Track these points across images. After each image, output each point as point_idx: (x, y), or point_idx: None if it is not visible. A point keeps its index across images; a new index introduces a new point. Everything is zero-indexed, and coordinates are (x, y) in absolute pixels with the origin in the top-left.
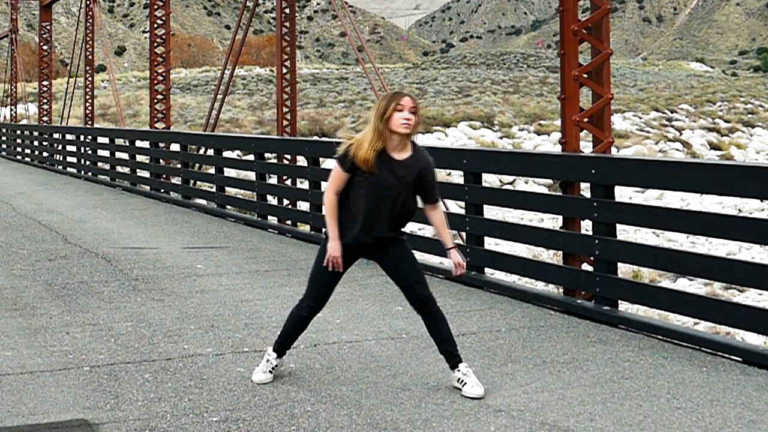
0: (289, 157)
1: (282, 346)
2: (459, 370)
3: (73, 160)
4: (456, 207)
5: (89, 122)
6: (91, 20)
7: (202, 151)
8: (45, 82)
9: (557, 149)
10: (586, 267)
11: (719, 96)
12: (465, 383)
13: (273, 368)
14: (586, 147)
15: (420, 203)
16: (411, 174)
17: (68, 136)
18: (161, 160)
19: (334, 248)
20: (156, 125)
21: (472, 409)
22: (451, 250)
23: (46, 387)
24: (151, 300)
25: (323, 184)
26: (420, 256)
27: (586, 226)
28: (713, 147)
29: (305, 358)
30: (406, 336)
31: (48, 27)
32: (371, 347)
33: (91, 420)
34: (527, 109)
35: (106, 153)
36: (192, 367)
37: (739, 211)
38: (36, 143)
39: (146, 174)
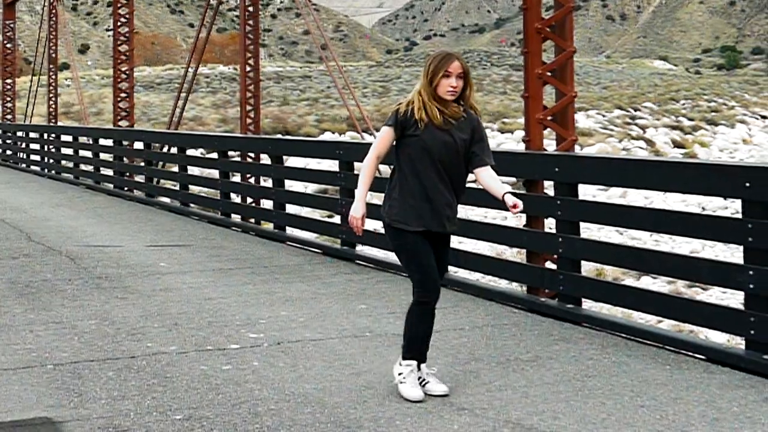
0: (252, 155)
1: (415, 351)
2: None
3: (37, 158)
4: None
5: (53, 120)
6: (54, 18)
7: (165, 149)
8: (8, 81)
9: (521, 147)
10: (549, 265)
11: (683, 94)
12: (427, 382)
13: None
14: (550, 145)
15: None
16: (465, 131)
17: (32, 134)
18: (125, 158)
19: (356, 209)
20: (119, 123)
21: (436, 408)
22: (506, 195)
23: (9, 385)
24: (115, 298)
25: (287, 183)
26: (383, 255)
27: (550, 224)
28: (677, 145)
29: (269, 356)
30: (369, 334)
31: (11, 25)
32: (335, 345)
33: (55, 418)
34: (491, 107)
35: (69, 151)
36: (155, 366)
37: (703, 209)
38: None
39: (110, 172)
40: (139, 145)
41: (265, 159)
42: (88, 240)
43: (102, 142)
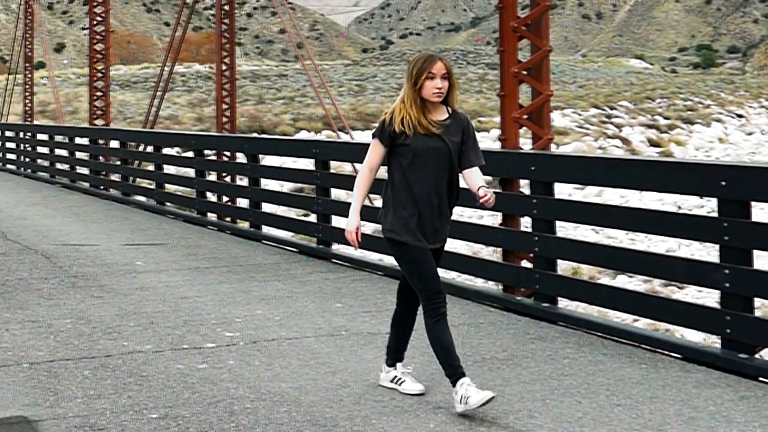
0: (228, 153)
1: (453, 368)
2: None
3: (13, 156)
4: None
5: (28, 119)
6: (30, 17)
7: (141, 148)
8: None
9: (497, 146)
10: (525, 264)
11: (659, 93)
12: (403, 381)
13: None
14: (526, 144)
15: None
16: (456, 133)
17: (7, 133)
18: (100, 157)
19: (350, 223)
20: (95, 122)
21: (412, 406)
22: (480, 188)
23: None
24: (91, 297)
25: (263, 181)
26: (359, 254)
27: (526, 223)
28: (652, 144)
29: (244, 355)
30: (345, 333)
31: None
32: (311, 344)
33: (31, 417)
34: (467, 106)
35: (45, 150)
36: (131, 364)
37: (679, 208)
38: None
39: (86, 171)
40: (114, 143)
41: (241, 158)
42: (64, 239)
43: (78, 140)
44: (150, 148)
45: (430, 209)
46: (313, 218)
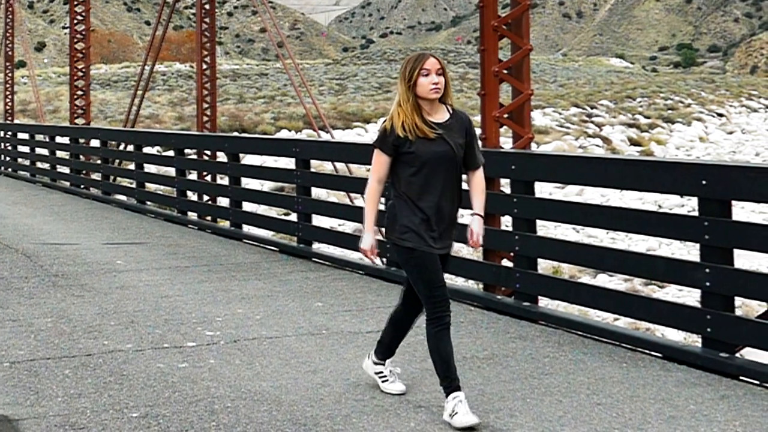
0: (209, 153)
1: (449, 380)
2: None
3: None
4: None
5: (9, 118)
6: (10, 16)
7: (122, 147)
8: None
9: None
10: (506, 263)
11: (639, 92)
12: (387, 379)
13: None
14: (506, 143)
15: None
16: (459, 134)
17: None
18: (81, 156)
19: (365, 241)
20: (76, 121)
21: (392, 405)
22: (475, 216)
23: None
24: (71, 296)
25: (243, 180)
26: (340, 252)
27: (507, 222)
28: (633, 143)
29: (225, 354)
30: (326, 332)
31: None
32: (291, 343)
33: (11, 416)
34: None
35: (26, 149)
36: (112, 363)
37: (659, 207)
38: None
39: (66, 170)
40: (95, 142)
41: (221, 157)
42: (45, 238)
43: (58, 139)
44: (131, 147)
45: (439, 214)
46: (293, 217)
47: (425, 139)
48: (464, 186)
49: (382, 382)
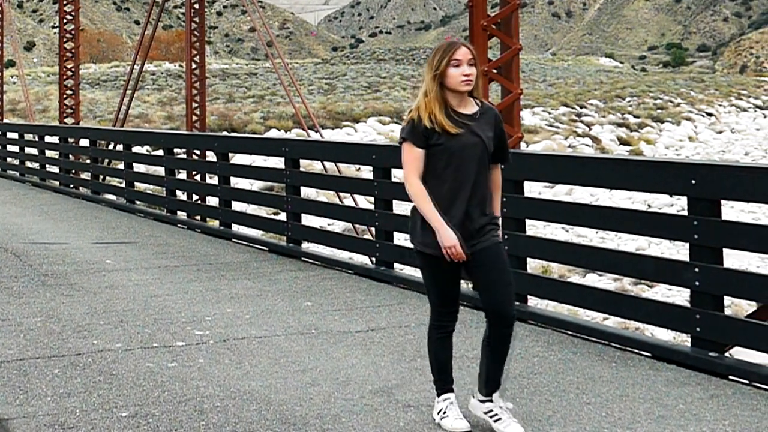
0: (198, 152)
1: (442, 381)
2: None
3: None
4: (365, 202)
5: None
6: (0, 15)
7: (111, 147)
8: None
9: None
10: None
11: (628, 91)
12: (499, 418)
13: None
14: None
15: None
16: (489, 128)
17: None
18: (70, 156)
19: (447, 237)
20: (65, 120)
21: (382, 405)
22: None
23: None
24: (61, 295)
25: (233, 180)
26: (329, 252)
27: None
28: (622, 142)
29: (214, 353)
30: (315, 331)
31: None
32: (280, 342)
33: (1, 415)
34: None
35: (15, 148)
36: (101, 363)
37: (649, 206)
38: None
39: (56, 169)
40: (84, 142)
41: (211, 156)
42: (34, 237)
43: (48, 139)
44: (120, 147)
45: (467, 215)
46: (282, 216)
47: (450, 134)
48: None
49: (495, 421)
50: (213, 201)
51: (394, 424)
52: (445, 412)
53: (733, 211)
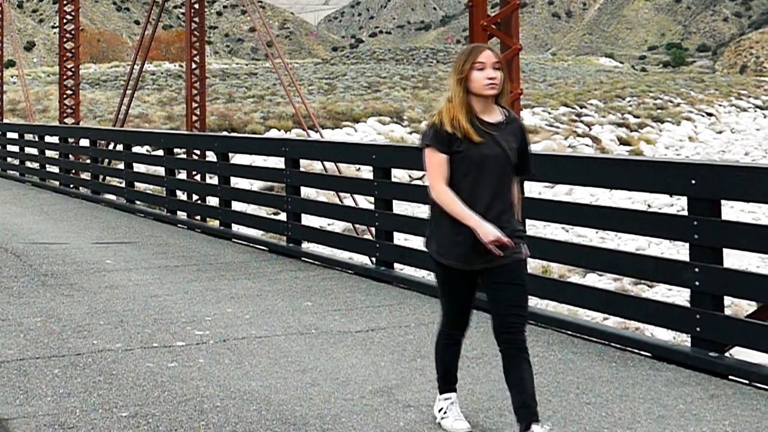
0: (198, 152)
1: (445, 382)
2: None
3: None
4: (365, 202)
5: None
6: (0, 15)
7: (111, 147)
8: None
9: None
10: None
11: (628, 91)
12: None
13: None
14: None
15: None
16: (514, 139)
17: None
18: (70, 156)
19: (486, 233)
20: (65, 120)
21: (382, 405)
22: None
23: None
24: (61, 295)
25: (233, 180)
26: (329, 252)
27: None
28: (622, 142)
29: (214, 353)
30: (315, 331)
31: None
32: (280, 342)
33: (0, 415)
34: (437, 105)
35: (15, 148)
36: (101, 363)
37: (649, 206)
38: None
39: (56, 169)
40: (84, 142)
41: (211, 156)
42: (34, 237)
43: (48, 139)
44: (120, 147)
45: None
46: (282, 216)
47: (476, 140)
48: None
49: None
50: (213, 201)
51: (394, 424)
52: (445, 412)
53: (733, 211)
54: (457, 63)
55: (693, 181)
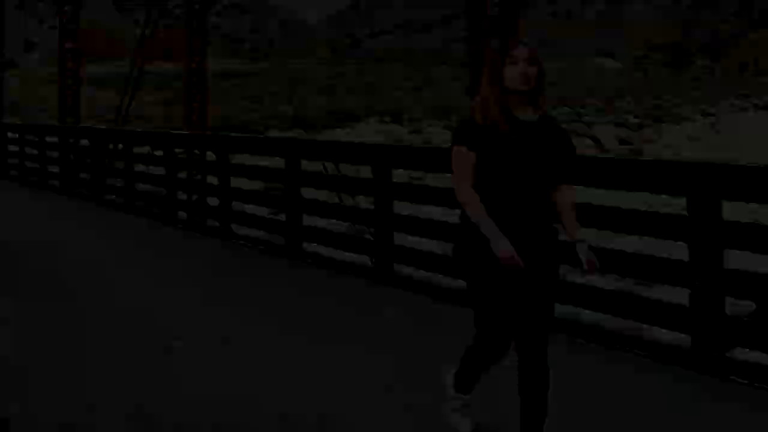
0: (198, 152)
1: (463, 383)
2: None
3: None
4: (365, 202)
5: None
6: (0, 15)
7: (111, 146)
8: None
9: None
10: None
11: (629, 91)
12: None
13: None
14: None
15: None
16: (549, 140)
17: None
18: (71, 155)
19: (506, 247)
20: (65, 120)
21: (382, 405)
22: (578, 244)
23: None
24: (60, 295)
25: (233, 180)
26: (330, 252)
27: None
28: (622, 142)
29: (213, 353)
30: (315, 331)
31: None
32: (280, 342)
33: (2, 415)
34: (438, 105)
35: (15, 148)
36: (101, 362)
37: (649, 206)
38: None
39: (56, 169)
40: (84, 142)
41: (211, 156)
42: (34, 237)
43: (48, 139)
44: (120, 146)
45: (517, 232)
46: (282, 216)
47: (505, 138)
48: None
49: None
50: (213, 201)
51: (394, 424)
52: (454, 409)
53: (733, 211)
54: (489, 58)
55: (693, 181)
